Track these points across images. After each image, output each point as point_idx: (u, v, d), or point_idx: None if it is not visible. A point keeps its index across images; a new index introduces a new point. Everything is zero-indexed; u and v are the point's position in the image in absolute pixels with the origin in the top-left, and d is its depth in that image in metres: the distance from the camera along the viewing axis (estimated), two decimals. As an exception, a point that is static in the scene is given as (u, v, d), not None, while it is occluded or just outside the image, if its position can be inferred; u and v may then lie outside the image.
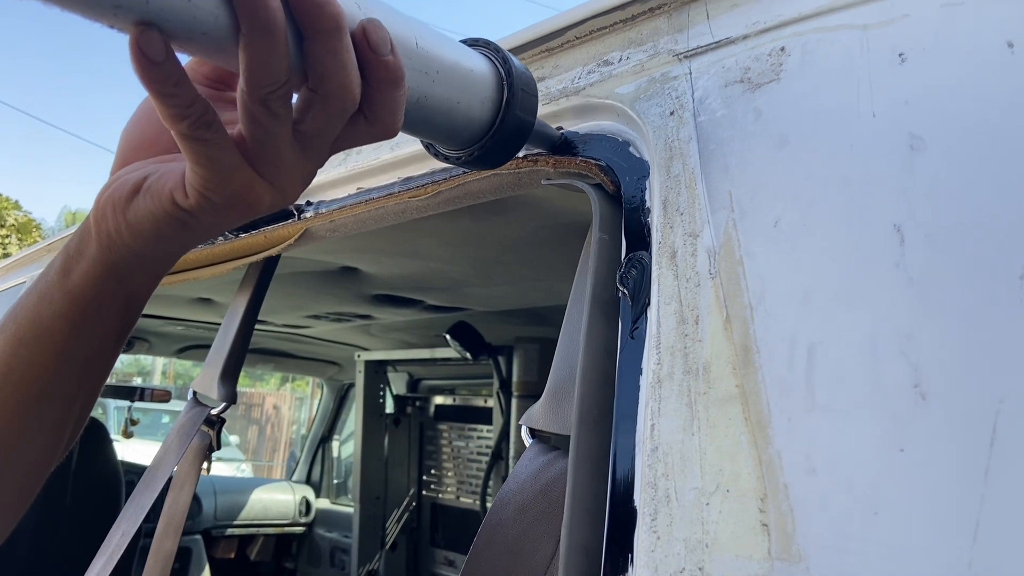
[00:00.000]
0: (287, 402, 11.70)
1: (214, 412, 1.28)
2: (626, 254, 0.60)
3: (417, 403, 3.26)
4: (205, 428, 1.29)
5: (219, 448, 1.30)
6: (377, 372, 3.12)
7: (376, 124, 0.46)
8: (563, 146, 0.70)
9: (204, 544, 3.43)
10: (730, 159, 0.55)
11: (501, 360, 2.69)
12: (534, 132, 0.62)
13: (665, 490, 0.47)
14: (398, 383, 3.27)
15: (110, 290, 0.51)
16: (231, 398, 1.28)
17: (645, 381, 0.52)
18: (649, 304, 0.55)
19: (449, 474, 3.15)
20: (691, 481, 0.46)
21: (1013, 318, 0.39)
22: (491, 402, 2.82)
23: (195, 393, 1.32)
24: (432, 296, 2.11)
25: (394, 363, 3.13)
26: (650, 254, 0.57)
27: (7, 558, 2.28)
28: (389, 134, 0.48)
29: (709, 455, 0.46)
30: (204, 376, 1.29)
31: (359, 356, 3.09)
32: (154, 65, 0.39)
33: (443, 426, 3.21)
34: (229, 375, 1.27)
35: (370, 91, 0.45)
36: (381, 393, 3.16)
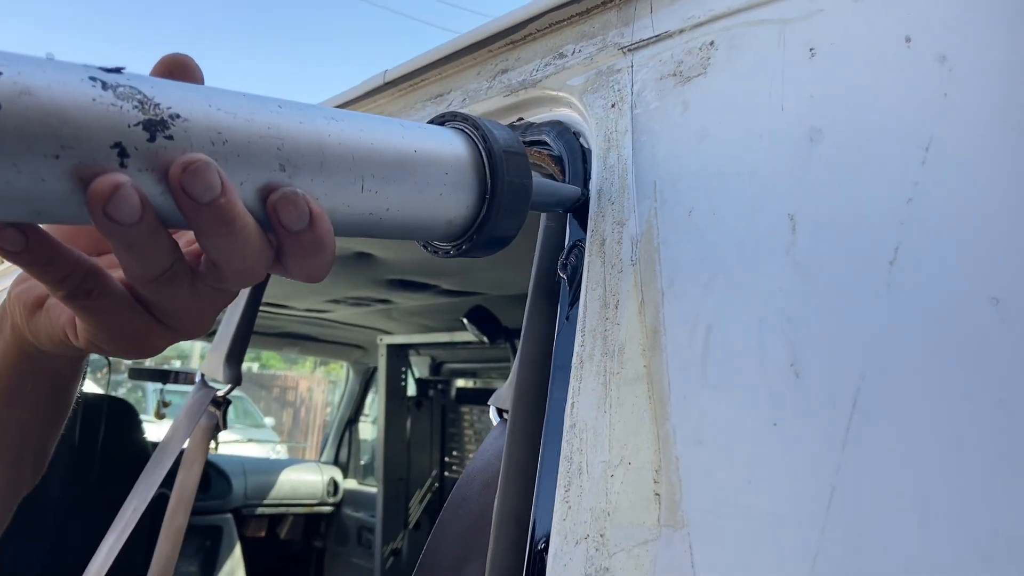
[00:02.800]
0: (321, 385, 11.91)
1: (220, 393, 1.34)
2: (568, 242, 0.63)
3: (439, 386, 3.31)
4: (212, 408, 1.34)
5: (225, 428, 1.36)
6: (399, 356, 3.18)
7: (291, 273, 0.41)
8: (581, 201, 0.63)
9: (235, 523, 3.52)
10: (658, 150, 0.57)
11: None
12: (543, 197, 0.58)
13: (579, 463, 0.50)
14: (421, 366, 3.33)
15: (30, 370, 0.50)
16: (236, 379, 1.33)
17: (573, 363, 0.55)
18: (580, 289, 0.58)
19: (471, 455, 3.20)
20: (600, 455, 0.49)
21: (879, 301, 0.41)
22: (510, 385, 2.85)
23: (203, 375, 1.38)
24: (445, 280, 2.15)
25: (416, 347, 3.19)
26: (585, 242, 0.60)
27: (36, 532, 2.39)
28: (313, 278, 0.42)
29: (617, 430, 0.49)
30: (211, 359, 1.35)
31: (381, 340, 3.15)
32: (15, 255, 0.37)
33: (465, 408, 3.26)
34: (234, 357, 1.32)
35: (278, 239, 0.40)
36: (403, 376, 3.22)
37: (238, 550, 3.42)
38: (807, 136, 0.48)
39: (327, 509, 3.78)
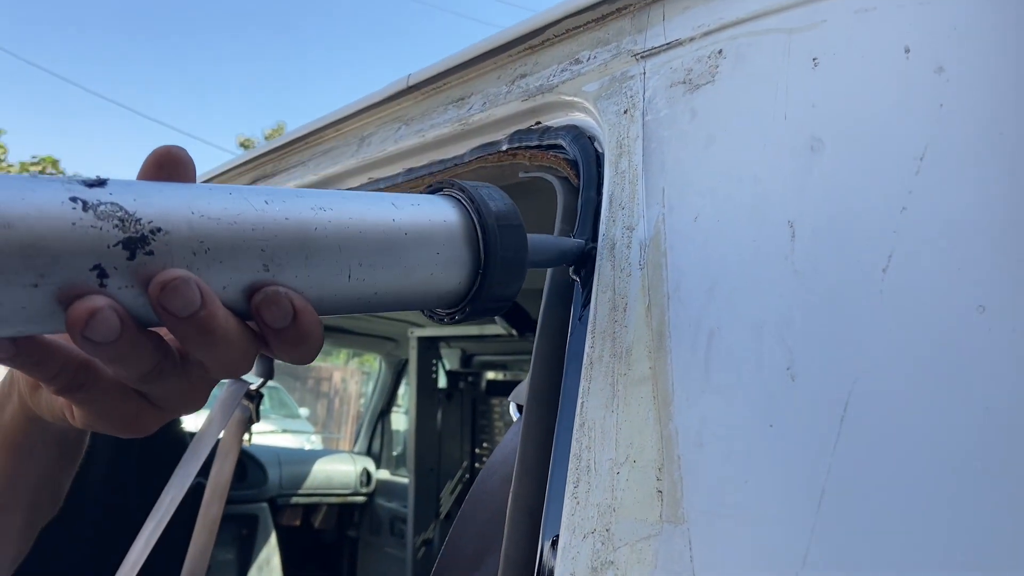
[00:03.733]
0: (355, 376, 12.03)
1: (253, 387, 1.38)
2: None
3: (469, 378, 3.35)
4: (245, 402, 1.38)
5: (258, 420, 1.39)
6: (429, 348, 3.22)
7: (279, 358, 0.43)
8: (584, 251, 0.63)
9: (271, 512, 3.58)
10: (667, 157, 0.59)
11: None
12: (543, 255, 0.58)
13: (587, 461, 0.52)
14: (452, 359, 3.36)
15: (38, 431, 0.52)
16: (268, 373, 1.37)
17: (584, 363, 0.57)
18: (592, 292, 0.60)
19: (501, 447, 3.23)
20: (607, 453, 0.51)
21: (872, 306, 0.43)
22: (539, 377, 2.87)
23: (236, 369, 1.42)
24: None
25: (447, 339, 3.22)
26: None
27: (78, 520, 2.46)
28: (301, 363, 0.44)
29: (623, 430, 0.51)
30: (244, 353, 1.38)
31: (412, 332, 3.19)
32: (5, 360, 0.39)
33: (495, 400, 3.29)
34: (266, 352, 1.36)
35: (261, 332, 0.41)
36: (434, 369, 3.25)
37: (273, 539, 3.49)
38: (808, 145, 0.50)
39: (360, 499, 3.83)
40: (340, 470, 3.82)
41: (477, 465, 3.31)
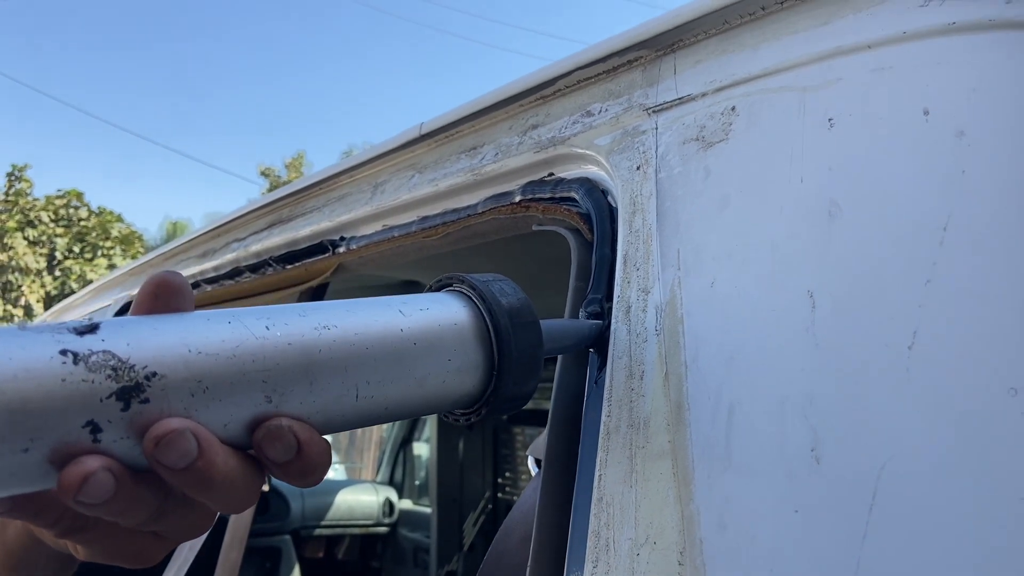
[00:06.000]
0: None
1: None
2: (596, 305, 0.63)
3: (490, 407, 3.33)
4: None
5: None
6: (450, 378, 3.20)
7: (287, 482, 0.41)
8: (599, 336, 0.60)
9: (294, 544, 3.57)
10: (681, 217, 0.58)
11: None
12: (559, 343, 0.56)
13: (606, 539, 0.51)
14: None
15: (43, 549, 0.51)
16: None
17: (600, 433, 0.56)
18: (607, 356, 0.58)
19: (524, 476, 3.20)
20: (627, 532, 0.50)
21: (899, 386, 0.41)
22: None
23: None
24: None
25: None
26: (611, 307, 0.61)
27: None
28: (306, 487, 0.42)
29: (643, 508, 0.49)
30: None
31: (432, 362, 3.17)
32: (3, 513, 0.38)
33: (517, 429, 3.27)
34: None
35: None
36: (455, 397, 3.24)
37: (297, 571, 3.47)
38: (826, 210, 0.48)
39: (383, 530, 3.82)
40: (363, 500, 3.80)
41: (500, 495, 3.29)
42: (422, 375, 0.45)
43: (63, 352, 0.34)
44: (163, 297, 0.40)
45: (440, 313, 0.47)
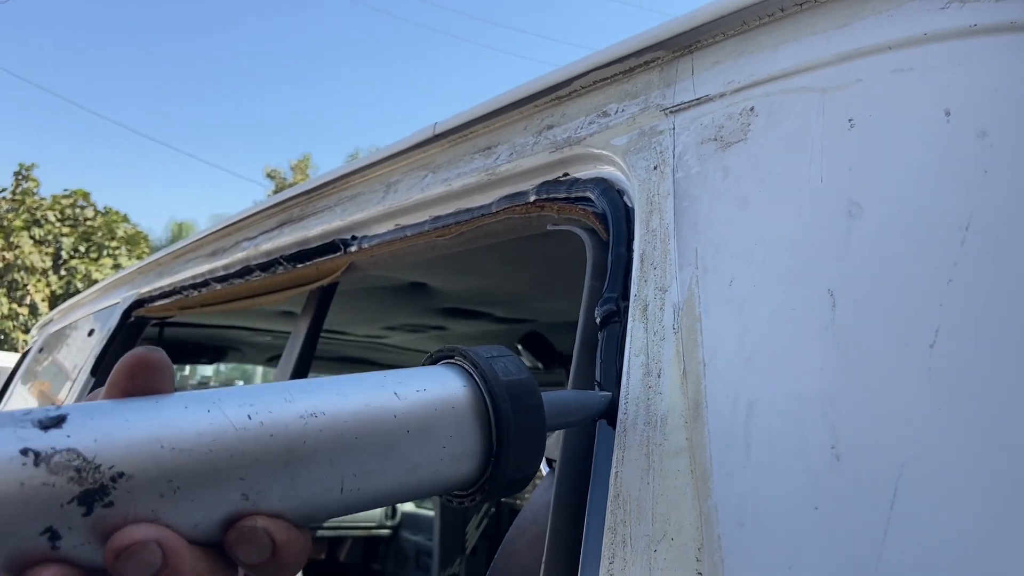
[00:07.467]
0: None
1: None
2: (610, 304, 0.64)
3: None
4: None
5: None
6: (455, 380, 3.20)
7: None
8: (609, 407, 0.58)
9: (296, 545, 3.57)
10: (699, 217, 0.58)
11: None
12: (566, 417, 0.54)
13: (623, 536, 0.51)
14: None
15: None
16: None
17: (617, 430, 0.56)
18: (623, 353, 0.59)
19: (527, 480, 3.20)
20: (644, 528, 0.50)
21: (921, 385, 0.41)
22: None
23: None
24: (499, 309, 2.16)
25: (472, 371, 3.20)
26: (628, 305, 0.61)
27: None
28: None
29: (660, 504, 0.49)
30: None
31: (437, 365, 3.17)
32: None
33: (520, 433, 3.26)
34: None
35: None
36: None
37: (299, 573, 3.47)
38: (846, 210, 0.48)
39: (385, 532, 3.82)
40: (365, 502, 3.80)
41: (503, 499, 3.29)
42: (414, 463, 0.42)
43: (24, 451, 0.31)
44: (139, 378, 0.37)
45: (437, 395, 0.44)
